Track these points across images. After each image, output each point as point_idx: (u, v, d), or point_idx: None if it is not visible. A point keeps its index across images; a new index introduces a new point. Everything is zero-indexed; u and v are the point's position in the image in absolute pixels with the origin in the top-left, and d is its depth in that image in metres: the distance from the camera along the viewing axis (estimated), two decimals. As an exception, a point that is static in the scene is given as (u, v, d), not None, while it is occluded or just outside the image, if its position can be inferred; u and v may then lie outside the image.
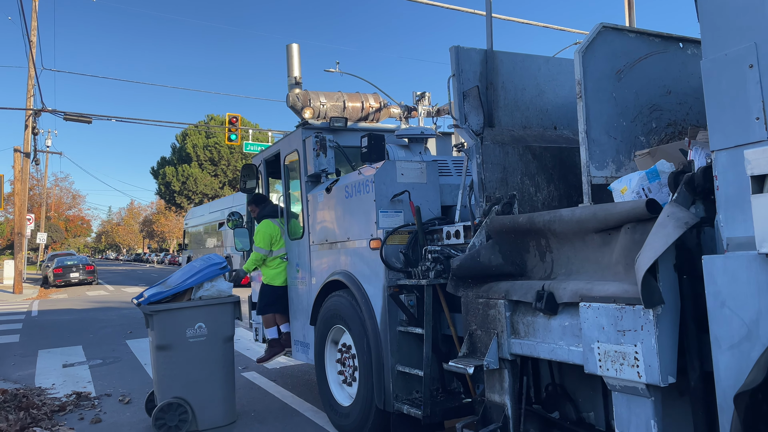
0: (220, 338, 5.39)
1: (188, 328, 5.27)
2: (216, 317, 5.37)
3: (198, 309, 5.32)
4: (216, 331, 5.37)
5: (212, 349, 5.34)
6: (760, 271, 2.02)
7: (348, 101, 6.50)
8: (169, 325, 5.23)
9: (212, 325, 5.35)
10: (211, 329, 5.35)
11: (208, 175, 52.71)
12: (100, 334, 11.79)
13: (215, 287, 5.43)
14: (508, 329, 3.18)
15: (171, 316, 5.23)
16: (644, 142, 3.42)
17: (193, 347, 5.27)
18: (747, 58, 2.13)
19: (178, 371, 5.24)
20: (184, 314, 5.27)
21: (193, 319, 5.28)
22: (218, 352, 5.38)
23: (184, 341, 5.24)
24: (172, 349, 5.23)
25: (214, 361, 5.35)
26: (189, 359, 5.27)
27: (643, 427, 2.49)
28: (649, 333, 2.37)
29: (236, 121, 24.16)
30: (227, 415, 5.44)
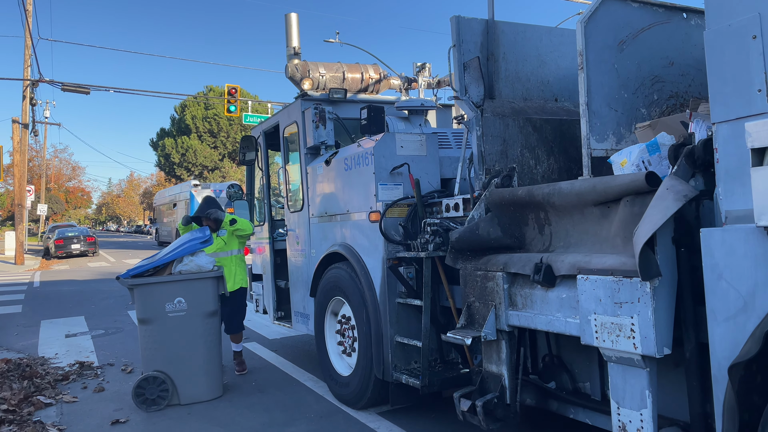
0: (200, 313, 5.29)
1: (167, 303, 5.19)
2: (196, 292, 5.27)
3: (177, 283, 5.24)
4: (196, 306, 5.27)
5: (192, 324, 5.25)
6: (758, 244, 2.03)
7: (348, 72, 6.44)
8: (148, 298, 5.19)
9: (192, 300, 5.25)
10: (191, 304, 5.24)
11: (207, 147, 52.49)
12: (101, 305, 11.89)
13: (194, 262, 5.32)
14: (506, 301, 3.20)
15: (150, 290, 5.19)
16: (645, 114, 3.40)
17: (173, 322, 5.20)
18: (750, 29, 2.10)
19: (158, 345, 5.22)
20: (162, 288, 5.21)
21: (173, 293, 5.21)
22: (199, 327, 5.27)
23: (163, 315, 5.18)
24: (152, 323, 5.20)
25: (195, 337, 5.25)
26: (169, 333, 5.21)
27: (637, 397, 2.52)
28: (646, 305, 2.39)
29: (235, 92, 23.96)
30: (211, 391, 5.36)
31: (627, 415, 2.57)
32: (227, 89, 24.27)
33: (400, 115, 5.68)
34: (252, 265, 7.61)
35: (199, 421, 4.84)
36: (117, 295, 13.51)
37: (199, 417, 4.96)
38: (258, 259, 7.39)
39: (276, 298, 6.87)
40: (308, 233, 5.83)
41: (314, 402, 5.23)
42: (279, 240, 6.84)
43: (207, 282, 5.36)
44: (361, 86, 6.56)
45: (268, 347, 7.51)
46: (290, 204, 6.36)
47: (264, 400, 5.33)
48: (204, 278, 5.33)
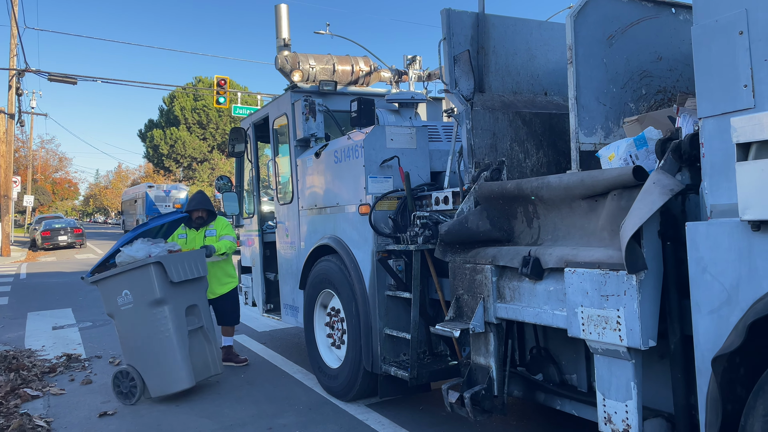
0: (145, 303, 5.07)
1: (118, 296, 5.14)
2: (138, 283, 5.08)
3: (120, 276, 5.13)
4: (141, 296, 5.08)
5: (141, 316, 5.10)
6: (742, 238, 2.05)
7: (338, 64, 6.42)
8: (105, 294, 5.24)
9: (137, 291, 5.09)
10: (136, 295, 5.10)
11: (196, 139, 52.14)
12: (89, 297, 11.82)
13: (125, 253, 5.17)
14: (494, 294, 3.22)
15: (103, 286, 5.23)
16: (633, 109, 3.42)
17: (126, 315, 5.15)
18: (737, 24, 2.12)
19: (122, 339, 5.29)
20: (110, 283, 5.18)
21: (119, 286, 5.14)
22: (147, 318, 5.07)
23: (118, 309, 5.17)
24: (114, 318, 5.26)
25: (145, 328, 5.10)
26: (126, 327, 5.20)
27: (623, 389, 2.55)
28: (632, 298, 2.41)
29: (225, 83, 23.81)
30: (176, 383, 5.08)
31: (612, 406, 2.60)
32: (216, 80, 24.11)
33: (390, 108, 5.67)
34: (241, 258, 7.60)
35: (188, 414, 4.84)
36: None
37: (188, 409, 4.96)
38: (247, 252, 7.37)
39: (265, 290, 6.87)
40: (298, 226, 5.82)
41: (303, 394, 5.25)
42: (268, 232, 6.83)
43: (145, 271, 5.06)
44: (352, 78, 6.54)
45: (257, 340, 7.51)
46: (280, 196, 6.34)
47: (253, 393, 5.34)
48: (141, 266, 5.05)
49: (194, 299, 5.37)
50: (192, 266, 5.35)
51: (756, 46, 2.07)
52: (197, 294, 5.43)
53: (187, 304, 5.25)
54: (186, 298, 5.27)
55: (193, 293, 5.38)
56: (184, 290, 5.26)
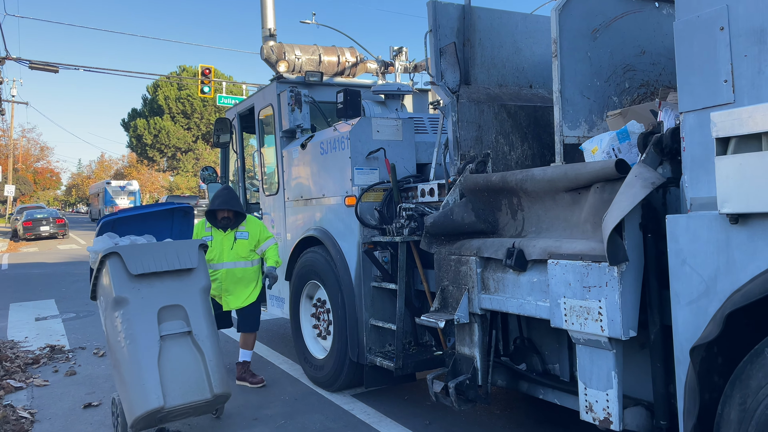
0: (109, 308, 3.97)
1: (99, 306, 4.22)
2: (102, 283, 4.09)
3: (95, 281, 4.19)
4: (105, 300, 4.04)
5: (107, 324, 4.01)
6: (720, 231, 2.10)
7: (324, 55, 6.40)
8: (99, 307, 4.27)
9: (103, 294, 4.08)
10: (103, 300, 4.09)
11: (180, 129, 51.69)
12: (72, 288, 11.72)
13: (89, 249, 4.34)
14: (478, 285, 3.25)
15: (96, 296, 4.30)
16: (617, 102, 3.46)
17: (105, 325, 4.12)
18: (718, 20, 2.15)
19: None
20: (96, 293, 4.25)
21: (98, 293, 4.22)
22: (111, 324, 3.94)
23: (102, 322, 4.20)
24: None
25: (111, 338, 3.96)
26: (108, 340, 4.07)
27: (604, 378, 2.60)
28: (613, 289, 2.46)
29: (209, 72, 23.59)
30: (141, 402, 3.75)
31: (594, 395, 2.65)
32: (201, 69, 23.88)
33: (376, 99, 5.67)
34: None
35: (173, 404, 4.84)
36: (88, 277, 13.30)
37: (173, 400, 4.95)
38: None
39: (251, 281, 6.84)
40: (284, 217, 5.82)
41: (289, 384, 5.26)
42: (254, 223, 6.81)
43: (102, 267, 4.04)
44: (338, 69, 6.53)
45: (243, 330, 7.50)
46: (265, 187, 6.33)
47: (238, 383, 5.35)
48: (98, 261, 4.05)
49: (176, 298, 4.07)
50: (170, 256, 4.11)
51: (736, 42, 2.11)
52: (182, 292, 4.11)
53: (162, 303, 3.99)
54: (161, 297, 4.02)
55: (176, 291, 4.10)
56: (159, 287, 4.03)
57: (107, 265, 3.94)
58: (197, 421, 4.45)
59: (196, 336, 4.04)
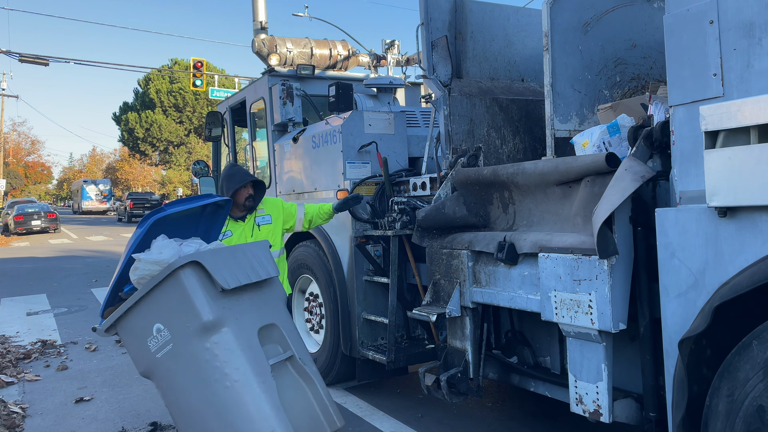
0: (189, 336, 2.89)
1: (148, 339, 3.00)
2: (171, 305, 2.95)
3: (142, 304, 3.00)
4: (180, 325, 2.92)
5: (188, 359, 2.92)
6: (708, 224, 2.11)
7: (316, 48, 6.37)
8: (130, 342, 3.11)
9: (172, 319, 2.95)
10: (173, 326, 2.95)
11: (172, 122, 51.37)
12: (64, 283, 11.67)
13: (143, 258, 3.02)
14: (470, 278, 3.26)
15: (123, 329, 3.11)
16: (608, 96, 3.46)
17: (167, 364, 2.97)
18: (708, 14, 2.15)
19: (171, 408, 3.07)
20: (131, 321, 3.06)
21: (146, 321, 3.01)
22: (198, 358, 2.88)
23: (154, 360, 3.00)
24: (152, 378, 3.08)
25: (197, 377, 2.90)
26: (172, 386, 3.01)
27: (594, 371, 2.62)
28: (603, 282, 2.47)
29: (201, 66, 23.43)
30: None
31: (584, 387, 2.67)
32: (193, 62, 23.72)
33: (368, 93, 5.66)
34: (219, 243, 7.55)
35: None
36: (80, 272, 13.27)
37: (166, 394, 4.95)
38: (225, 237, 7.33)
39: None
40: (275, 211, 5.80)
41: (281, 378, 5.26)
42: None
43: (175, 281, 2.92)
44: (330, 63, 6.50)
45: (236, 325, 7.50)
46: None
47: (231, 377, 5.34)
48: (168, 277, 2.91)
49: (269, 316, 3.20)
50: (253, 263, 3.19)
51: (726, 36, 2.11)
52: (270, 307, 3.25)
53: (259, 323, 3.11)
54: (255, 315, 3.13)
55: (264, 307, 3.21)
56: (247, 303, 3.11)
57: (182, 280, 2.90)
58: (189, 416, 4.45)
59: (301, 360, 3.21)
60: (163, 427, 4.22)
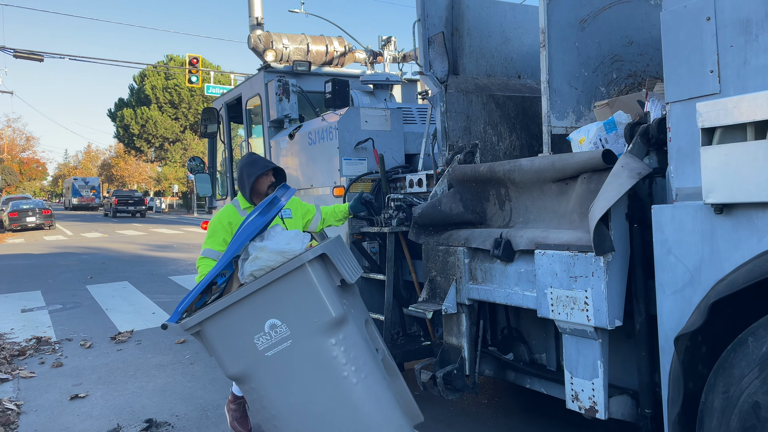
0: (315, 330, 2.79)
1: (257, 336, 2.81)
2: (293, 299, 2.81)
3: (257, 299, 2.81)
4: (303, 321, 2.80)
5: (309, 358, 2.81)
6: (705, 221, 2.11)
7: (312, 44, 6.36)
8: (226, 341, 2.87)
9: (293, 314, 2.80)
10: (293, 323, 2.80)
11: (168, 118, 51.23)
12: (59, 280, 11.63)
13: (267, 248, 2.84)
14: (466, 275, 3.26)
15: (221, 326, 2.86)
16: (604, 93, 3.46)
17: (278, 364, 2.82)
18: (705, 10, 2.15)
19: (275, 412, 2.85)
20: (235, 317, 2.84)
21: (258, 316, 2.82)
22: (321, 358, 2.80)
23: (259, 359, 2.82)
24: (250, 379, 2.86)
25: (329, 373, 2.80)
26: (280, 388, 2.83)
27: (590, 367, 2.62)
28: (599, 279, 2.47)
29: (197, 62, 23.40)
30: None
31: (579, 384, 2.67)
32: (188, 59, 23.69)
33: (365, 89, 5.65)
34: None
35: (161, 396, 4.83)
36: (75, 269, 13.23)
37: (160, 392, 4.94)
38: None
39: (239, 272, 6.83)
40: (271, 207, 5.79)
41: (277, 375, 5.26)
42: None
43: (301, 275, 2.79)
44: (326, 59, 6.49)
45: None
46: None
47: (227, 374, 5.33)
48: (294, 270, 2.77)
49: (364, 310, 3.28)
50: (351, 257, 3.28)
51: (722, 32, 2.11)
52: (360, 301, 3.32)
53: (362, 318, 3.14)
54: (358, 309, 3.16)
55: (358, 301, 3.28)
56: (352, 298, 3.13)
57: (310, 273, 2.78)
58: (185, 413, 4.44)
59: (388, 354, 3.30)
60: (159, 424, 4.21)
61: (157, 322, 7.48)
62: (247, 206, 3.80)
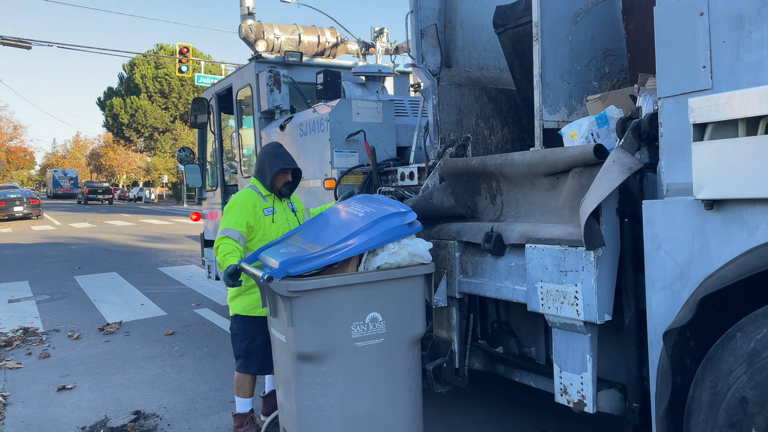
0: (405, 340, 2.99)
1: (355, 323, 2.85)
2: (400, 302, 2.96)
3: (373, 289, 2.88)
4: (400, 325, 2.96)
5: (393, 360, 2.96)
6: (695, 216, 2.11)
7: (304, 35, 6.31)
8: (321, 316, 2.81)
9: (393, 315, 2.94)
10: (391, 323, 2.93)
11: (158, 108, 50.84)
12: (47, 270, 11.54)
13: (406, 249, 2.96)
14: (457, 269, 3.26)
15: (328, 299, 2.81)
16: (597, 87, 3.46)
17: (363, 357, 2.88)
18: (698, 5, 2.14)
19: (336, 401, 2.85)
20: (350, 296, 2.84)
21: (364, 306, 2.88)
22: (401, 365, 2.99)
23: (347, 347, 2.84)
24: (325, 363, 2.83)
25: (396, 381, 2.97)
26: (356, 379, 2.88)
27: (579, 361, 2.63)
28: (589, 273, 2.47)
29: (187, 51, 23.21)
30: None
31: (568, 378, 2.68)
32: (179, 48, 23.49)
33: (357, 81, 5.62)
34: (204, 231, 7.50)
35: (149, 388, 4.80)
36: (63, 259, 13.12)
37: (149, 383, 4.92)
38: (210, 225, 7.28)
39: (229, 264, 6.80)
40: (262, 199, 5.76)
41: (267, 367, 5.25)
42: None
43: (416, 283, 3.02)
44: (318, 50, 6.44)
45: (220, 313, 7.47)
46: (244, 169, 6.26)
47: (215, 366, 5.32)
48: (413, 276, 2.99)
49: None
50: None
51: (715, 28, 2.11)
52: None
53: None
54: None
55: None
56: None
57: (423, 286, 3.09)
58: (173, 405, 4.42)
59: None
60: (147, 416, 4.19)
61: (146, 314, 7.45)
62: (267, 194, 3.73)
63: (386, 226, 2.97)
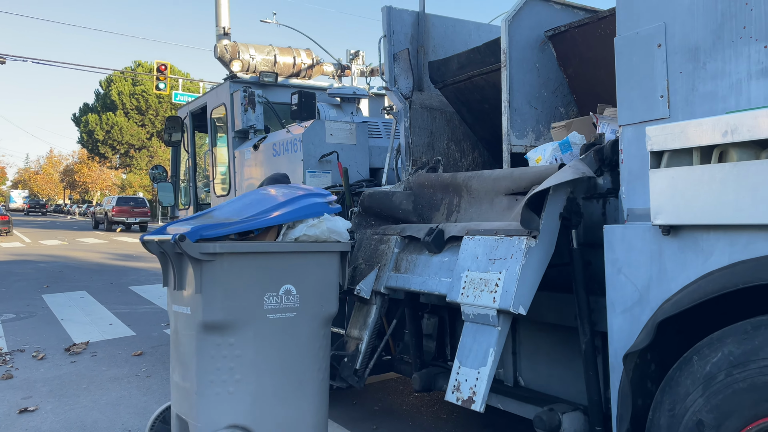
0: (317, 316, 2.94)
1: (268, 294, 2.79)
2: (314, 278, 2.92)
3: (288, 260, 2.84)
4: (314, 301, 2.92)
5: (304, 336, 2.90)
6: (653, 241, 2.16)
7: (279, 55, 6.35)
8: (234, 284, 2.71)
9: (307, 290, 2.90)
10: (305, 298, 2.89)
11: (134, 125, 50.42)
12: (13, 288, 11.27)
13: (325, 223, 2.98)
14: (391, 263, 3.20)
15: (242, 266, 2.73)
16: (563, 113, 3.54)
17: (273, 330, 2.80)
18: (656, 37, 2.22)
19: (242, 375, 2.75)
20: (265, 265, 2.79)
21: (279, 276, 2.82)
22: (313, 342, 2.94)
23: (258, 318, 2.77)
24: (233, 333, 2.72)
25: (305, 359, 2.91)
26: (264, 353, 2.79)
27: (481, 356, 2.50)
28: (516, 261, 2.43)
29: (165, 69, 23.14)
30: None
31: (465, 374, 2.54)
32: (157, 65, 23.41)
33: (332, 102, 5.66)
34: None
35: (114, 409, 4.70)
36: (31, 277, 12.84)
37: (114, 404, 4.81)
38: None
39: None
40: (234, 218, 5.73)
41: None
42: (205, 224, 6.70)
43: (332, 258, 3.01)
44: (293, 71, 6.49)
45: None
46: (217, 188, 6.23)
47: (184, 387, 5.22)
48: (329, 252, 2.98)
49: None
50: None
51: (672, 59, 2.18)
52: None
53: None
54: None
55: None
56: None
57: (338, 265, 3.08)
58: (138, 428, 4.33)
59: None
60: (110, 439, 4.09)
61: (114, 334, 7.30)
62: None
63: (307, 202, 3.00)
